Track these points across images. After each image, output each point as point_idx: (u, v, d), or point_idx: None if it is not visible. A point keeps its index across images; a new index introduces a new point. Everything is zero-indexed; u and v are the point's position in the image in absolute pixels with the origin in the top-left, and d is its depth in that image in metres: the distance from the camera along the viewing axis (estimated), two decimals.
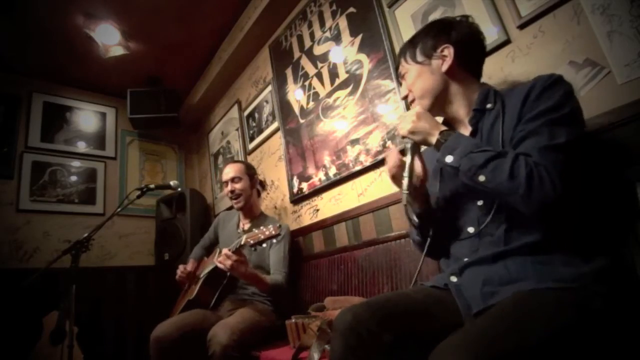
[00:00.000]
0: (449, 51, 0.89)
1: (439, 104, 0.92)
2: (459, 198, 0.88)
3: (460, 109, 0.91)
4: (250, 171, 1.96)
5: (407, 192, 0.81)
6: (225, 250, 1.50)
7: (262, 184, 2.17)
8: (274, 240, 1.43)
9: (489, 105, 0.86)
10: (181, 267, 1.87)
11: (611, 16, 0.97)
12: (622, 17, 0.95)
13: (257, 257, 1.78)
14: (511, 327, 0.58)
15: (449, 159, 0.77)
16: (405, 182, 0.82)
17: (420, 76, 0.92)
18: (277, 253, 1.76)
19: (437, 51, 0.91)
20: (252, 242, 1.42)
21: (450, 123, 0.96)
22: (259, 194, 2.05)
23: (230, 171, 1.90)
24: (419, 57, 0.93)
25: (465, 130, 0.90)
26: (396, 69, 1.05)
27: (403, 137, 0.87)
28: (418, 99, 0.94)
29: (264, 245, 1.43)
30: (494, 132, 0.82)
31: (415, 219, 0.93)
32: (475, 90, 0.91)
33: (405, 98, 1.00)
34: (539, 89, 0.76)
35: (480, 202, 0.83)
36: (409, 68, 0.95)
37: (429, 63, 0.92)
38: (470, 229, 0.84)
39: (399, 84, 1.07)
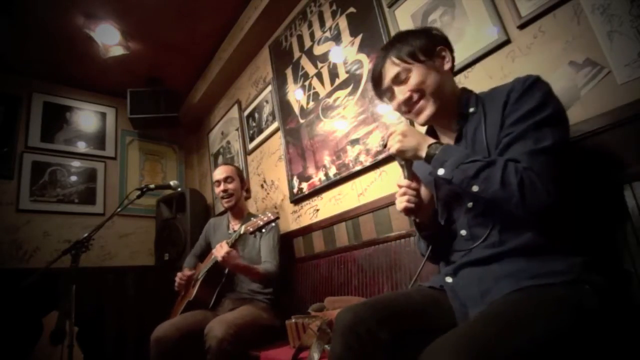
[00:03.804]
0: (446, 52, 0.89)
1: (442, 108, 0.88)
2: (451, 202, 0.89)
3: (446, 113, 0.89)
4: (240, 174, 2.04)
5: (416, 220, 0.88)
6: (223, 243, 1.58)
7: (248, 190, 2.30)
8: (273, 224, 1.49)
9: (471, 110, 0.86)
10: (179, 275, 1.88)
11: (611, 16, 0.97)
12: (622, 17, 0.95)
13: (249, 251, 1.82)
14: (506, 328, 0.58)
15: (441, 171, 0.77)
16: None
17: (429, 74, 0.86)
18: (267, 243, 1.80)
19: (436, 50, 0.89)
20: (251, 229, 1.48)
21: (435, 128, 0.96)
22: (245, 197, 2.15)
23: (222, 171, 1.97)
24: (421, 56, 0.87)
25: (450, 135, 0.91)
26: (379, 74, 0.92)
27: (394, 156, 0.87)
28: (430, 94, 0.86)
29: (264, 230, 1.49)
30: (478, 137, 0.83)
31: (422, 239, 0.95)
32: (456, 94, 0.91)
33: (408, 100, 0.89)
34: (518, 91, 0.77)
35: (470, 204, 0.83)
36: (411, 67, 0.88)
37: (432, 63, 0.88)
38: (463, 232, 0.85)
39: (381, 93, 0.95)
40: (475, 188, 0.73)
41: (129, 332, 2.70)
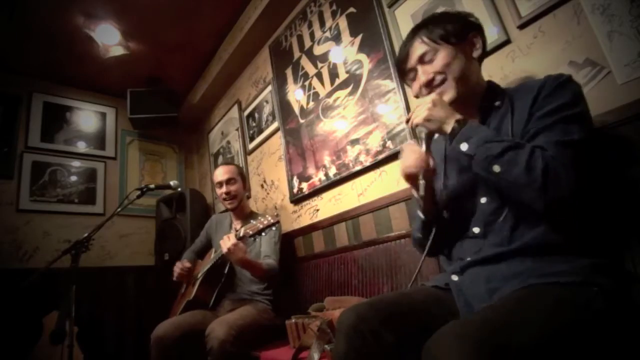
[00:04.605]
0: (477, 39, 0.87)
1: (466, 95, 0.85)
2: (462, 196, 0.87)
3: (469, 102, 0.87)
4: (242, 173, 2.02)
5: (422, 195, 0.81)
6: (230, 234, 1.53)
7: (249, 187, 2.27)
8: (274, 228, 1.47)
9: (497, 103, 0.84)
10: (179, 264, 1.85)
11: (611, 16, 0.97)
12: (622, 17, 0.95)
13: (251, 250, 1.81)
14: (510, 320, 0.58)
15: (464, 146, 0.75)
16: (422, 185, 0.81)
17: (456, 58, 0.84)
18: (268, 241, 1.78)
19: (468, 36, 0.86)
20: (251, 232, 1.45)
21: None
22: (247, 197, 2.12)
23: (225, 172, 1.93)
24: (452, 39, 0.85)
25: None
26: (405, 54, 0.89)
27: (416, 126, 0.83)
28: (453, 79, 0.83)
29: (264, 234, 1.46)
30: (504, 129, 0.81)
31: (421, 215, 0.92)
32: (481, 85, 0.89)
33: (430, 83, 0.86)
34: (551, 87, 0.76)
35: (483, 200, 0.82)
36: (439, 48, 0.85)
37: (461, 47, 0.85)
38: (476, 229, 0.83)
39: (404, 74, 0.92)
40: (497, 168, 0.70)
41: (129, 332, 2.70)
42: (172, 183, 1.94)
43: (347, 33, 1.84)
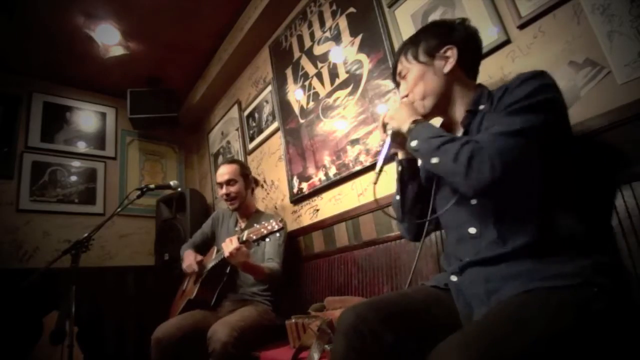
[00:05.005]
0: (452, 52, 0.89)
1: (441, 105, 0.92)
2: (455, 198, 0.88)
3: (457, 110, 0.91)
4: (244, 171, 1.95)
5: (378, 172, 0.95)
6: (233, 237, 1.47)
7: (256, 181, 2.15)
8: (278, 235, 1.42)
9: (482, 107, 0.86)
10: (192, 259, 1.80)
11: (611, 16, 0.97)
12: (622, 17, 0.95)
13: (255, 251, 1.78)
14: (513, 328, 0.58)
15: (414, 143, 0.83)
16: (379, 161, 0.95)
17: (423, 77, 0.91)
18: (273, 243, 1.74)
19: (440, 51, 0.90)
20: (254, 237, 1.39)
21: (449, 125, 0.96)
22: (252, 191, 2.03)
23: (225, 173, 1.88)
24: (422, 57, 0.92)
25: (460, 131, 0.91)
26: (394, 67, 1.01)
27: (385, 123, 0.95)
28: (419, 100, 0.92)
29: (267, 239, 1.40)
30: (481, 131, 0.83)
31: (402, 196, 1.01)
32: (471, 91, 0.91)
33: (405, 97, 0.97)
34: (514, 84, 0.78)
35: (474, 202, 0.83)
36: (410, 67, 0.94)
37: (431, 63, 0.91)
38: (472, 230, 0.83)
39: (396, 83, 1.03)
40: (434, 160, 0.77)
41: (129, 332, 2.70)
42: (172, 183, 1.93)
43: (347, 33, 1.84)
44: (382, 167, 0.95)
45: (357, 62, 1.77)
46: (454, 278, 0.84)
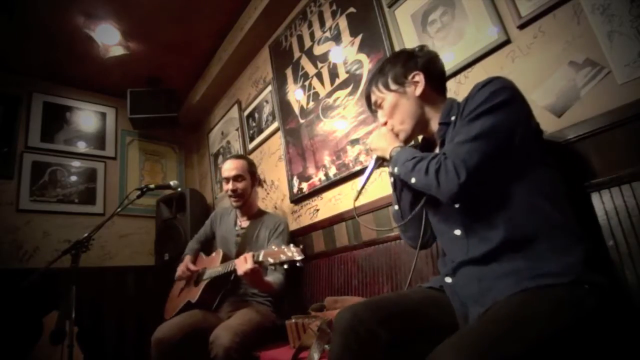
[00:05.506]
0: (419, 77, 0.94)
1: (419, 126, 0.97)
2: (440, 204, 0.90)
3: (434, 125, 0.96)
4: (252, 169, 1.90)
5: (359, 191, 1.04)
6: (248, 256, 1.41)
7: (260, 180, 2.13)
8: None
9: (452, 118, 0.89)
10: (186, 266, 1.82)
11: (611, 16, 0.97)
12: (622, 17, 0.95)
13: (257, 248, 1.76)
14: (509, 330, 0.59)
15: (396, 170, 0.90)
16: (361, 182, 1.03)
17: (398, 103, 0.97)
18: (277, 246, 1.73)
19: (408, 78, 0.95)
20: (271, 260, 1.32)
21: (432, 140, 1.01)
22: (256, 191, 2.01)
23: (232, 168, 1.81)
24: (393, 86, 0.97)
25: (438, 143, 0.95)
26: (367, 97, 1.05)
27: (371, 151, 1.02)
28: (398, 125, 0.97)
29: (285, 266, 1.31)
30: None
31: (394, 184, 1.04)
32: (442, 106, 0.95)
33: (385, 124, 1.02)
34: (473, 92, 0.81)
35: (457, 205, 0.84)
36: (384, 96, 0.99)
37: (403, 90, 0.96)
38: (457, 232, 0.85)
39: (372, 110, 1.07)
40: (412, 180, 0.84)
41: (129, 332, 2.70)
42: (172, 183, 1.92)
43: (347, 33, 1.84)
44: (363, 186, 1.03)
45: (357, 62, 1.77)
46: (448, 279, 0.85)
